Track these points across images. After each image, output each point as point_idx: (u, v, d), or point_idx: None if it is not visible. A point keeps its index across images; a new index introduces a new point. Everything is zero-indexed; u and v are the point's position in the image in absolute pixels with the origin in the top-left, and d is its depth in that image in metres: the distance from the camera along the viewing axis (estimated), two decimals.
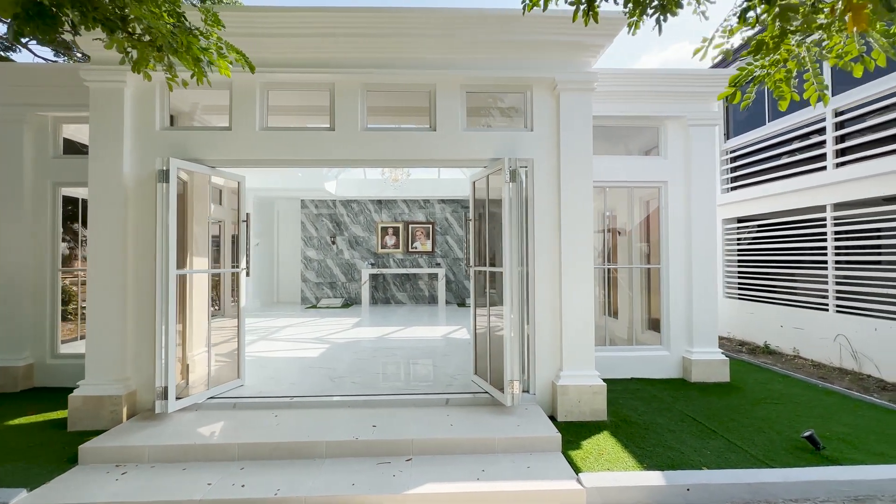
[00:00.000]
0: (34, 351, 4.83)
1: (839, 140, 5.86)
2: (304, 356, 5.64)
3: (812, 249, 6.26)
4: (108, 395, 3.65)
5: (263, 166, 4.08)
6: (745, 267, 7.63)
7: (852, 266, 5.68)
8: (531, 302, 4.06)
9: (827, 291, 5.99)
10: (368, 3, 3.86)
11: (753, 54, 1.82)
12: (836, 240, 5.89)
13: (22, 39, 7.64)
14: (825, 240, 6.02)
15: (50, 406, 4.18)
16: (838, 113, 5.87)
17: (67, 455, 3.17)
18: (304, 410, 3.76)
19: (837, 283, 5.87)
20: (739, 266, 7.74)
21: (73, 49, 8.36)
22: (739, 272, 7.74)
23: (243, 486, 2.77)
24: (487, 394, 3.95)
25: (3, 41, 8.56)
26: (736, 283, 7.80)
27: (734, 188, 7.82)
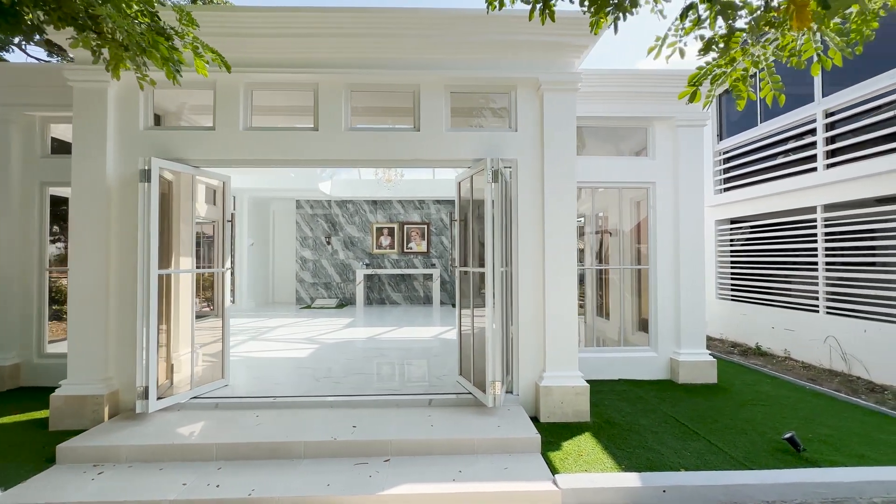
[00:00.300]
0: (21, 350, 4.83)
1: (830, 141, 5.85)
2: (291, 356, 5.63)
3: (803, 251, 6.24)
4: (89, 394, 3.65)
5: (247, 166, 4.08)
6: (738, 268, 7.61)
7: (842, 267, 5.67)
8: (515, 302, 4.05)
9: (817, 293, 5.97)
10: (356, 4, 3.83)
11: (703, 53, 1.82)
12: (827, 241, 5.87)
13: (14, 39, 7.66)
14: (816, 241, 6.00)
15: (34, 406, 4.18)
16: (829, 114, 5.85)
17: (46, 455, 3.17)
18: (285, 411, 3.75)
19: (828, 285, 5.85)
20: (732, 267, 7.73)
21: (66, 50, 8.37)
22: (733, 273, 7.72)
23: (218, 487, 2.76)
24: (471, 395, 3.95)
25: None
26: (729, 284, 7.79)
27: (727, 189, 7.81)
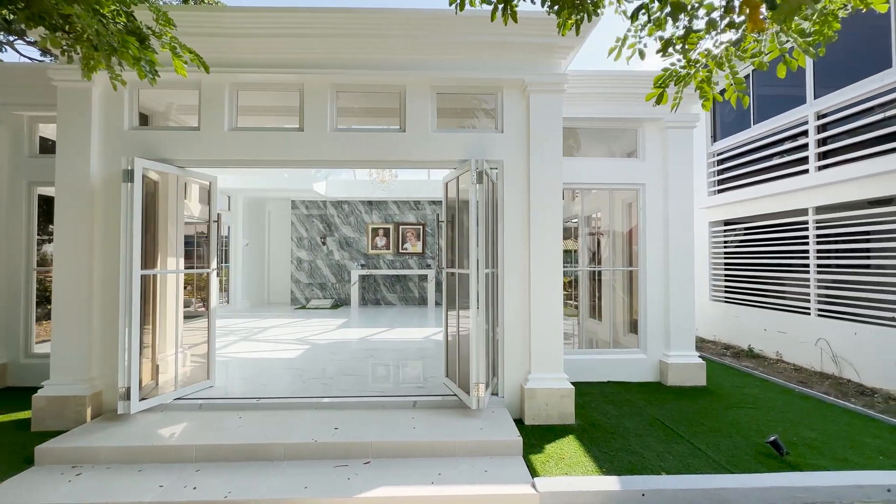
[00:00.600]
0: (8, 350, 4.82)
1: (821, 143, 5.83)
2: (281, 357, 5.62)
3: (795, 253, 6.23)
4: (71, 395, 3.64)
5: (233, 167, 4.07)
6: (731, 270, 7.59)
7: (833, 269, 5.65)
8: (500, 304, 4.04)
9: (809, 295, 5.95)
10: (343, 4, 3.82)
11: (661, 53, 1.80)
12: (818, 243, 5.86)
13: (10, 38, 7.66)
14: (807, 243, 5.98)
15: (18, 406, 4.17)
16: (820, 116, 5.83)
17: (25, 456, 3.15)
18: (269, 412, 3.74)
19: (819, 287, 5.83)
20: (726, 269, 7.71)
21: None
22: (726, 275, 7.70)
23: (195, 489, 2.75)
24: (456, 396, 3.93)
25: None
26: (723, 286, 7.77)
27: (721, 191, 7.79)
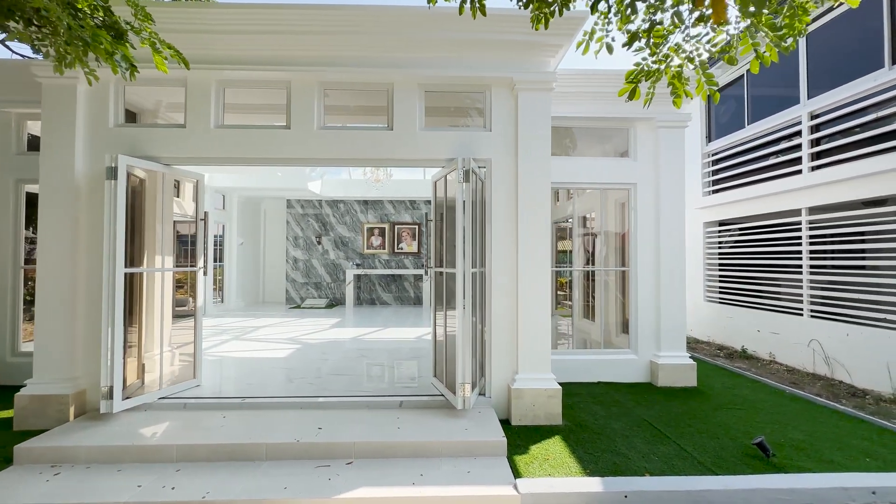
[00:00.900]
0: None
1: (814, 143, 5.81)
2: (270, 356, 5.59)
3: (788, 253, 6.20)
4: (54, 394, 3.61)
5: (218, 164, 4.04)
6: (725, 271, 7.57)
7: (826, 270, 5.63)
8: (488, 304, 4.01)
9: (802, 296, 5.93)
10: (331, 1, 3.79)
11: (627, 46, 1.78)
12: (811, 244, 5.83)
13: None
14: (800, 244, 5.96)
15: (2, 405, 4.13)
16: (814, 116, 5.81)
17: (4, 455, 3.12)
18: (253, 412, 3.71)
19: (812, 288, 5.81)
20: (721, 270, 7.68)
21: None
22: (721, 276, 7.68)
23: (173, 489, 2.72)
24: (443, 397, 3.90)
25: None
26: (717, 286, 7.74)
27: (715, 191, 7.76)
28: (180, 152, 3.93)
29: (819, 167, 5.67)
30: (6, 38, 2.07)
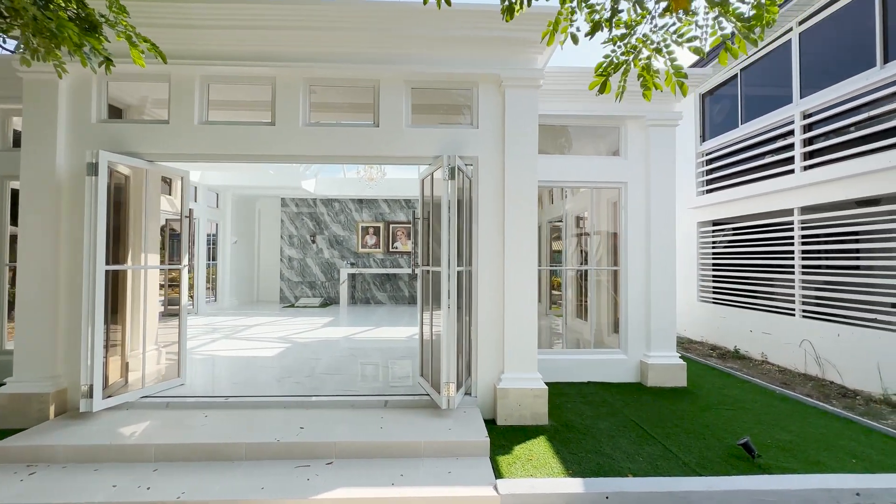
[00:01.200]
0: None
1: (807, 143, 5.78)
2: (258, 355, 5.55)
3: (780, 253, 6.17)
4: (35, 392, 3.57)
5: (202, 161, 4.00)
6: (719, 271, 7.54)
7: (817, 270, 5.60)
8: (474, 303, 3.98)
9: (794, 296, 5.90)
10: None
11: (590, 36, 1.74)
12: (803, 244, 5.80)
13: None
14: (792, 244, 5.93)
15: None
16: (806, 115, 5.78)
17: None
18: (236, 411, 3.67)
19: (803, 288, 5.78)
20: (714, 270, 7.65)
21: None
22: (714, 276, 7.65)
23: (148, 489, 2.68)
24: (429, 396, 3.87)
25: None
26: (711, 286, 7.71)
27: (709, 191, 7.74)
28: (164, 148, 3.89)
29: (811, 167, 5.64)
30: None
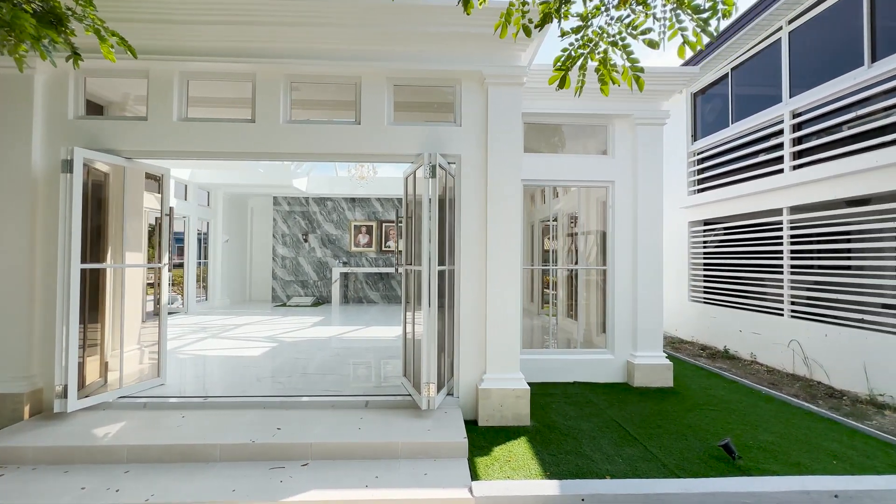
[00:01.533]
0: None
1: (796, 142, 5.76)
2: (243, 355, 5.50)
3: (770, 253, 6.15)
4: (9, 392, 3.51)
5: (181, 158, 3.95)
6: (709, 270, 7.52)
7: (805, 270, 5.58)
8: (457, 302, 3.94)
9: (783, 296, 5.88)
10: None
11: (539, 27, 1.70)
12: (792, 244, 5.78)
13: None
14: (781, 243, 5.91)
15: None
16: (795, 114, 5.76)
17: None
18: (214, 411, 3.62)
19: (792, 288, 5.76)
20: (705, 269, 7.63)
21: None
22: (705, 276, 7.63)
23: (117, 491, 2.64)
24: (411, 397, 3.83)
25: None
26: (702, 286, 7.69)
27: (700, 190, 7.71)
28: (142, 146, 3.84)
29: (800, 166, 5.62)
30: None
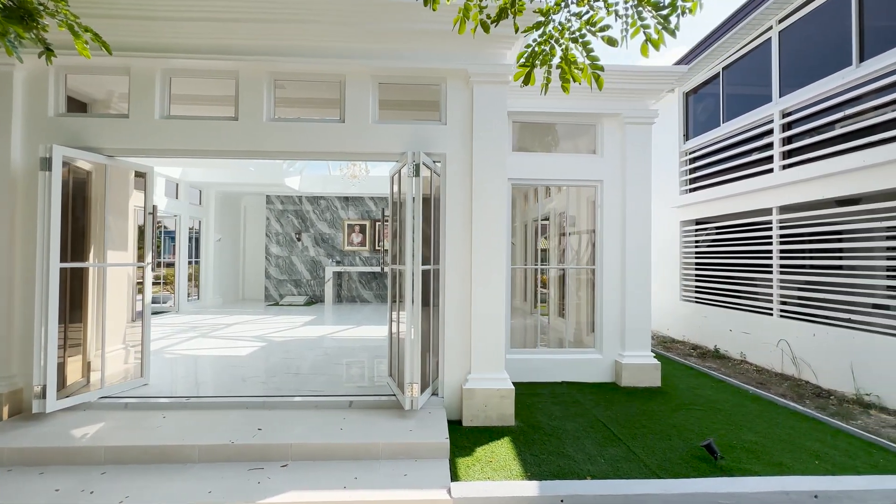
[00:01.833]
0: None
1: (786, 142, 5.76)
2: (231, 355, 5.47)
3: (759, 253, 6.16)
4: None
5: (163, 156, 3.91)
6: (701, 270, 7.52)
7: (794, 270, 5.58)
8: (441, 302, 3.92)
9: (772, 296, 5.88)
10: None
11: (496, 23, 1.68)
12: (781, 243, 5.78)
13: None
14: (771, 243, 5.91)
15: None
16: (785, 114, 5.76)
17: None
18: (196, 412, 3.59)
19: (781, 288, 5.76)
20: (697, 269, 7.63)
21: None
22: (697, 275, 7.63)
23: (91, 493, 2.61)
24: (395, 397, 3.81)
25: None
26: (693, 286, 7.69)
27: (692, 190, 7.71)
28: (124, 143, 3.80)
29: (790, 166, 5.62)
30: None
